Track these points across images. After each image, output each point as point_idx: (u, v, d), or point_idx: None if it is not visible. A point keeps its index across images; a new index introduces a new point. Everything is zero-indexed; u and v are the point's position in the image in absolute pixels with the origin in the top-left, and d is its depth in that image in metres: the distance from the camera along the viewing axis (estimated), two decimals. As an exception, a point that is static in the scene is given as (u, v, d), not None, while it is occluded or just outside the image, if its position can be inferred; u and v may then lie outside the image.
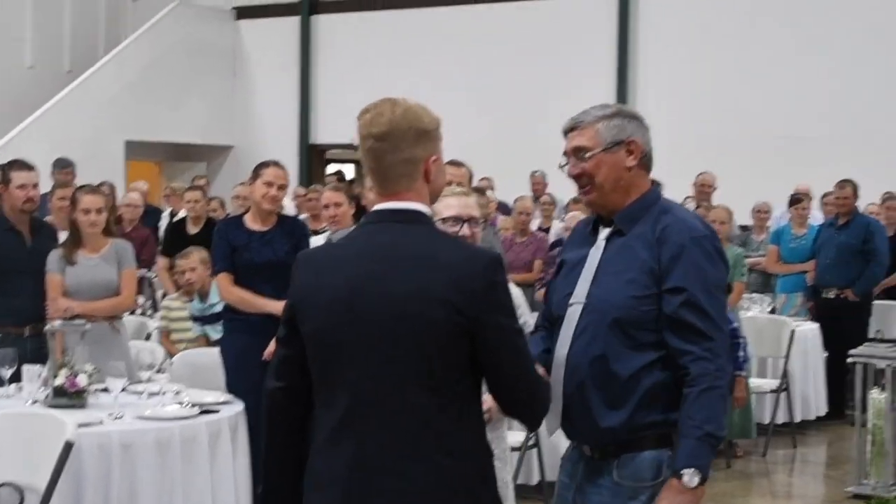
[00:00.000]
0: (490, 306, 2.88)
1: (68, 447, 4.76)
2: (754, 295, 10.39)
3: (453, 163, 6.28)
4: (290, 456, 3.06)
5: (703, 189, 11.81)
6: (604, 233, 3.56)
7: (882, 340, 8.26)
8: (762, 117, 15.79)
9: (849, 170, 11.22)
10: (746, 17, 16.00)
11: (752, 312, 9.99)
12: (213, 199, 10.83)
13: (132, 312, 8.68)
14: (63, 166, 11.24)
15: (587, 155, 3.51)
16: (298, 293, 3.04)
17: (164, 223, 11.84)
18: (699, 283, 3.39)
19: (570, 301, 3.52)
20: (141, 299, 8.82)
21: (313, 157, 19.95)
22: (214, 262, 6.51)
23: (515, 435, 6.50)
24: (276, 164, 6.49)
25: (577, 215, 9.13)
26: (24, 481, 4.86)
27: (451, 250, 2.96)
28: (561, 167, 3.59)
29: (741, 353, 8.36)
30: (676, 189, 12.82)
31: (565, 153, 3.58)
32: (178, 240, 9.20)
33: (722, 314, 3.43)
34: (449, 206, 4.20)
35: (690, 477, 3.31)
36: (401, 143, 2.96)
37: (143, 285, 9.69)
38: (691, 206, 11.76)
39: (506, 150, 17.03)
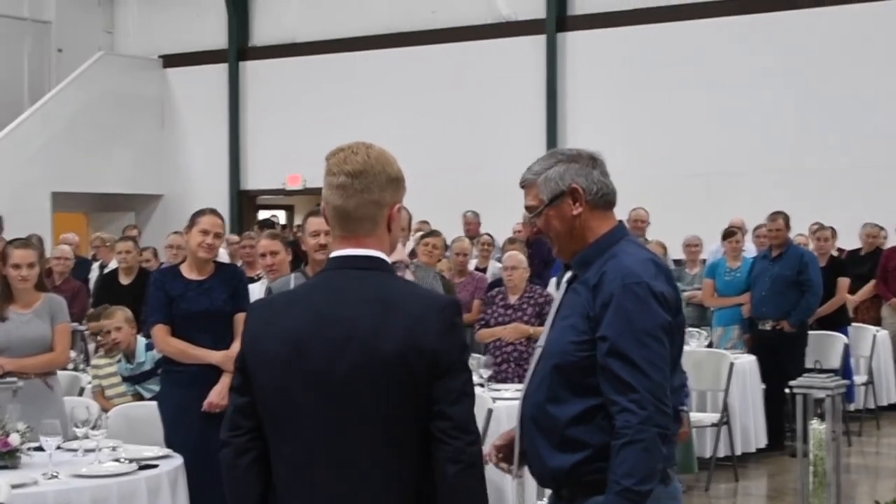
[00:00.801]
0: (445, 346, 2.85)
1: (2, 510, 4.63)
2: (691, 329, 10.40)
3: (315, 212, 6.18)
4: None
5: (637, 224, 11.89)
6: (567, 275, 3.59)
7: (820, 371, 8.28)
8: (687, 156, 16.14)
9: (776, 202, 11.37)
10: (665, 64, 16.34)
11: (690, 346, 10.01)
12: (145, 249, 10.69)
13: (65, 368, 8.53)
14: (-11, 220, 11.04)
15: (535, 214, 3.54)
16: (248, 341, 3.00)
17: (94, 275, 11.69)
18: (626, 331, 3.31)
19: (538, 343, 3.57)
20: (73, 353, 8.64)
21: (244, 204, 19.86)
22: (150, 313, 6.40)
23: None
24: (212, 211, 6.41)
25: (516, 255, 9.11)
26: (-43, 547, 4.71)
27: (408, 295, 2.93)
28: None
29: (684, 389, 8.36)
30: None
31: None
32: (110, 292, 9.08)
33: (655, 361, 3.32)
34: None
35: None
36: (372, 185, 2.95)
37: (75, 339, 9.52)
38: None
39: (438, 191, 17.08)
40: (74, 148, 18.37)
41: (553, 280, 9.84)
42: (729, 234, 11.19)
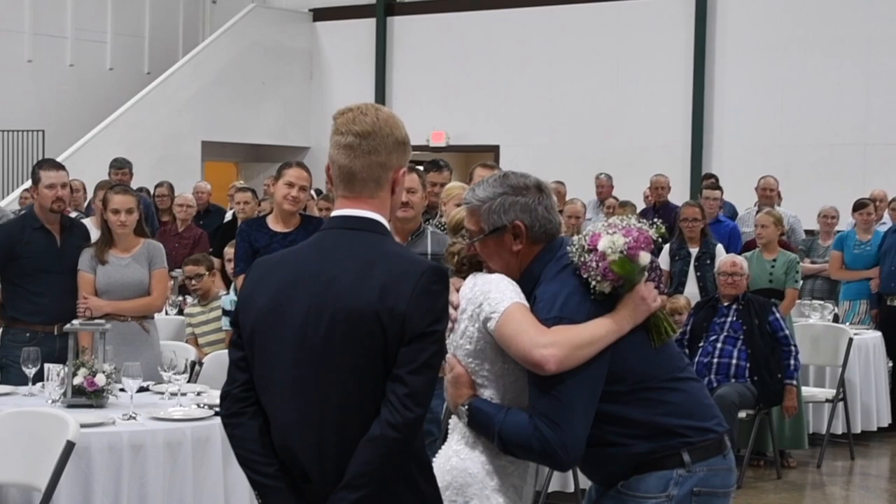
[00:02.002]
0: (418, 311, 2.84)
1: (69, 447, 4.77)
2: (815, 302, 10.13)
3: (435, 165, 6.22)
4: (262, 449, 2.99)
5: (765, 193, 11.59)
6: None
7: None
8: (833, 123, 15.53)
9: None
10: (819, 24, 15.73)
11: (811, 320, 9.76)
12: (264, 199, 10.84)
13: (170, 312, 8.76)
14: (119, 166, 11.34)
15: (474, 239, 3.54)
16: (241, 297, 3.10)
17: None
18: None
19: None
20: (190, 299, 8.85)
21: (390, 159, 19.95)
22: (235, 263, 6.49)
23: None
24: (298, 164, 6.46)
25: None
26: (28, 481, 4.88)
27: (392, 256, 2.93)
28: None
29: (791, 362, 8.17)
30: (745, 192, 12.70)
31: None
32: (226, 240, 9.22)
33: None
34: None
35: None
36: (380, 147, 2.96)
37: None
38: (754, 209, 11.55)
39: (574, 151, 16.93)
40: (225, 98, 18.72)
41: (666, 248, 9.64)
42: (860, 205, 10.82)
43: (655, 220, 3.53)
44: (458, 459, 3.50)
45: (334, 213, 3.04)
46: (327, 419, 2.88)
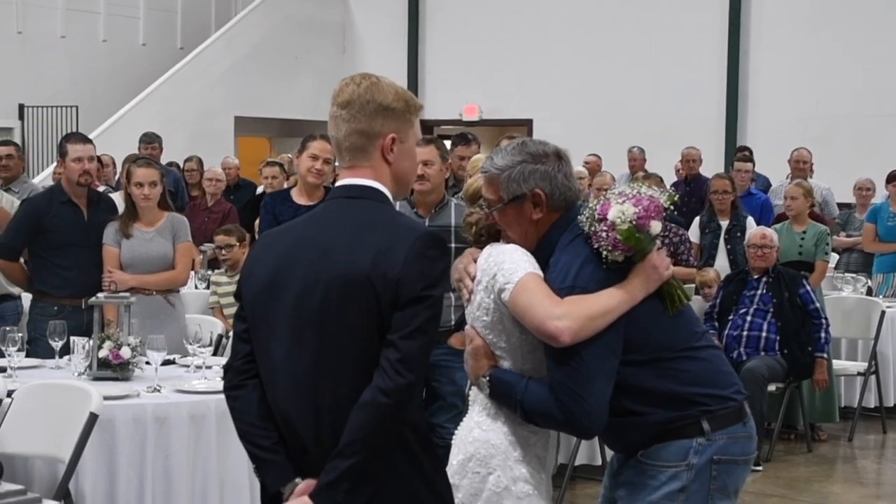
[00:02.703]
0: (412, 276, 2.83)
1: (93, 419, 4.79)
2: (848, 275, 10.05)
3: (463, 139, 6.21)
4: (264, 423, 2.99)
5: (798, 165, 11.50)
6: None
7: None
8: (869, 94, 15.36)
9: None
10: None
11: (844, 293, 9.68)
12: (293, 174, 10.84)
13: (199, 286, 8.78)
14: (149, 141, 11.38)
15: (493, 208, 3.51)
16: (245, 269, 3.12)
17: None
18: None
19: None
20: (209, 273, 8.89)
21: (422, 133, 19.91)
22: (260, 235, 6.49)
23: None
24: (322, 136, 6.43)
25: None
26: (53, 453, 4.91)
27: (388, 221, 2.93)
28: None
29: (822, 335, 8.11)
30: (779, 164, 12.60)
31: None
32: (255, 214, 9.24)
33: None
34: None
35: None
36: (358, 114, 2.96)
37: (219, 259, 9.75)
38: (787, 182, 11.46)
39: (608, 124, 16.83)
40: (257, 73, 18.72)
41: (697, 220, 9.58)
42: (893, 177, 10.71)
43: (669, 188, 3.51)
44: (480, 431, 3.49)
45: (337, 183, 3.07)
46: (324, 387, 2.88)
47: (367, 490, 2.85)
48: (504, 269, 3.40)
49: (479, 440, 3.48)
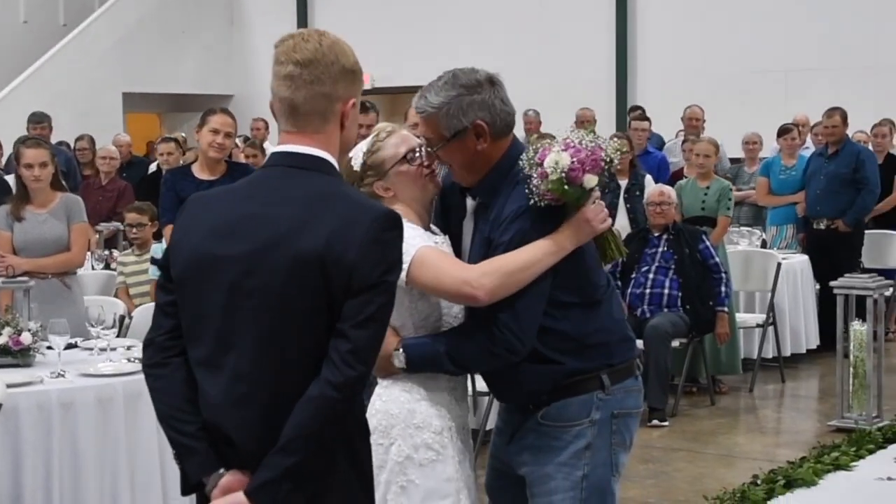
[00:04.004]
0: (367, 260, 2.62)
1: (-4, 408, 4.67)
2: (743, 228, 10.23)
3: (362, 107, 6.11)
4: (184, 400, 2.76)
5: (692, 123, 11.66)
6: (471, 203, 3.51)
7: (864, 270, 8.09)
8: (753, 50, 15.66)
9: (842, 100, 11.02)
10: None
11: (741, 246, 9.84)
12: (190, 149, 10.70)
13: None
14: (37, 121, 11.12)
15: (435, 147, 3.42)
16: (174, 236, 2.86)
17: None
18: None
19: None
20: (116, 253, 8.73)
21: (313, 103, 19.80)
22: (162, 213, 6.39)
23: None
24: (223, 110, 6.36)
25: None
26: (-44, 444, 4.79)
27: (341, 199, 2.69)
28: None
29: (722, 289, 8.24)
30: (669, 122, 12.76)
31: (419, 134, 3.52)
32: (151, 192, 9.09)
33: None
34: (396, 144, 3.52)
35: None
36: (323, 75, 2.72)
37: (117, 239, 9.60)
38: (680, 139, 11.60)
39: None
40: (144, 48, 18.41)
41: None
42: (784, 130, 10.91)
43: (618, 134, 3.44)
44: (380, 402, 3.46)
45: (277, 149, 2.79)
46: (262, 375, 2.65)
47: (309, 489, 2.65)
48: None
49: (380, 411, 3.43)
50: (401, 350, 3.37)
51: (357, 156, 3.52)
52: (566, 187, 3.21)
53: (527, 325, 3.29)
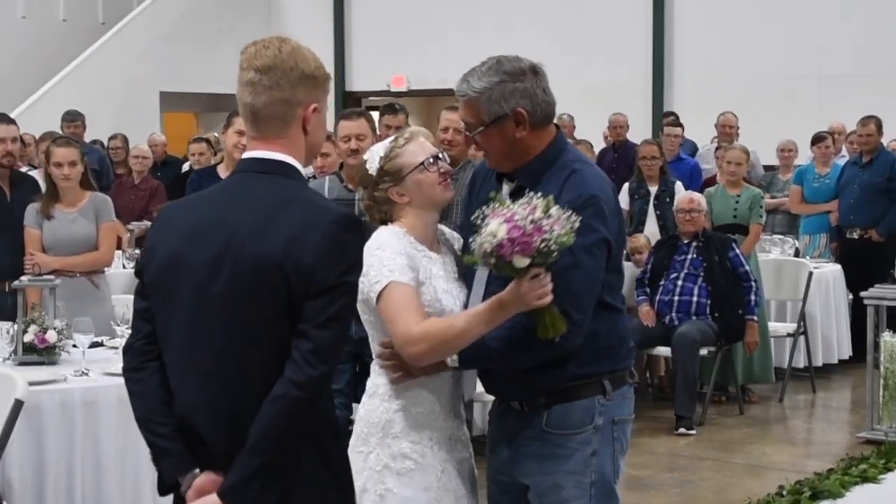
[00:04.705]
0: (324, 263, 2.67)
1: (18, 405, 4.67)
2: (776, 237, 10.16)
3: (351, 114, 6.11)
4: (154, 411, 2.83)
5: (725, 129, 11.59)
6: (507, 187, 3.47)
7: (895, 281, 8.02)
8: (790, 57, 15.51)
9: (878, 107, 10.92)
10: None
11: (773, 255, 9.77)
12: (220, 151, 10.73)
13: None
14: (71, 119, 11.18)
15: (474, 132, 3.41)
16: (147, 243, 2.94)
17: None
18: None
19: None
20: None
21: (350, 105, 19.78)
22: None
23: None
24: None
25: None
26: (-22, 441, 4.81)
27: (300, 203, 2.74)
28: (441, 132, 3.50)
29: (752, 298, 8.19)
30: (705, 128, 12.68)
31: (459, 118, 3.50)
32: (183, 192, 9.12)
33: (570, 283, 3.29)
34: (413, 153, 3.48)
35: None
36: (282, 81, 2.80)
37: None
38: (713, 146, 11.53)
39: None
40: (182, 47, 18.46)
41: (626, 186, 9.60)
42: (818, 138, 10.82)
43: (574, 216, 3.25)
44: (363, 410, 3.47)
45: (245, 155, 2.88)
46: (228, 378, 2.72)
47: (278, 488, 2.71)
48: (372, 271, 3.30)
49: (362, 419, 3.45)
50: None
51: (373, 159, 3.51)
52: (493, 260, 3.14)
53: (586, 311, 3.27)
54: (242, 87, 2.83)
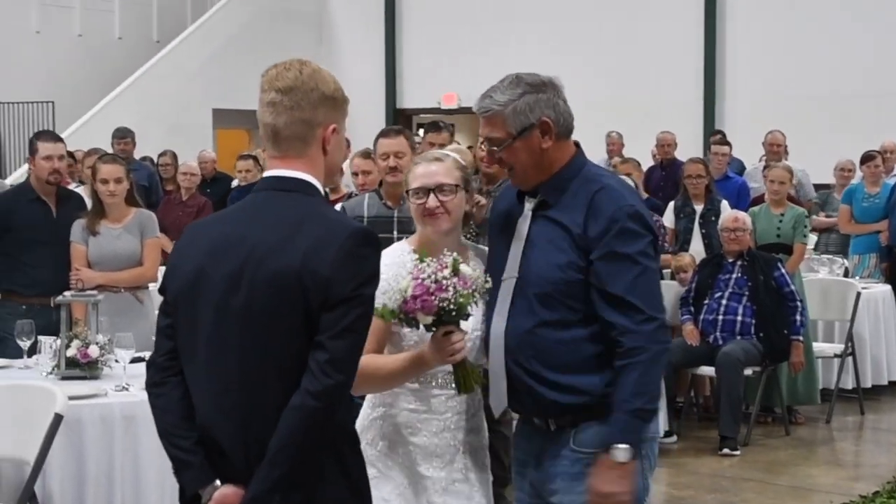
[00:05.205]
0: (340, 276, 2.73)
1: (58, 420, 4.75)
2: (824, 256, 10.06)
3: (390, 131, 6.12)
4: (176, 425, 2.91)
5: (773, 148, 11.49)
6: (530, 203, 3.48)
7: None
8: (843, 76, 15.40)
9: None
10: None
11: (821, 274, 9.68)
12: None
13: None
14: (121, 136, 11.30)
15: (500, 147, 3.42)
16: (171, 261, 3.01)
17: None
18: (626, 255, 3.32)
19: (503, 276, 3.46)
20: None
21: (400, 122, 19.87)
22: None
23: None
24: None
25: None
26: (19, 455, 4.87)
27: (318, 218, 2.82)
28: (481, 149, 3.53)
29: (797, 318, 8.11)
30: (758, 147, 12.59)
31: (482, 136, 3.51)
32: (228, 208, 9.21)
33: (653, 280, 3.40)
34: (414, 176, 3.63)
35: (622, 452, 3.28)
36: (302, 101, 2.85)
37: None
38: (761, 164, 11.44)
39: (588, 110, 16.71)
40: (235, 65, 18.63)
41: (671, 205, 9.55)
42: (867, 157, 10.72)
43: (485, 277, 3.32)
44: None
45: (267, 174, 2.94)
46: (248, 391, 2.78)
47: (296, 499, 2.76)
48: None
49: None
50: (620, 447, 3.28)
51: None
52: (402, 316, 3.22)
53: (663, 308, 3.38)
54: (264, 107, 2.89)
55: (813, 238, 11.02)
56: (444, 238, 3.53)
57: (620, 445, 3.27)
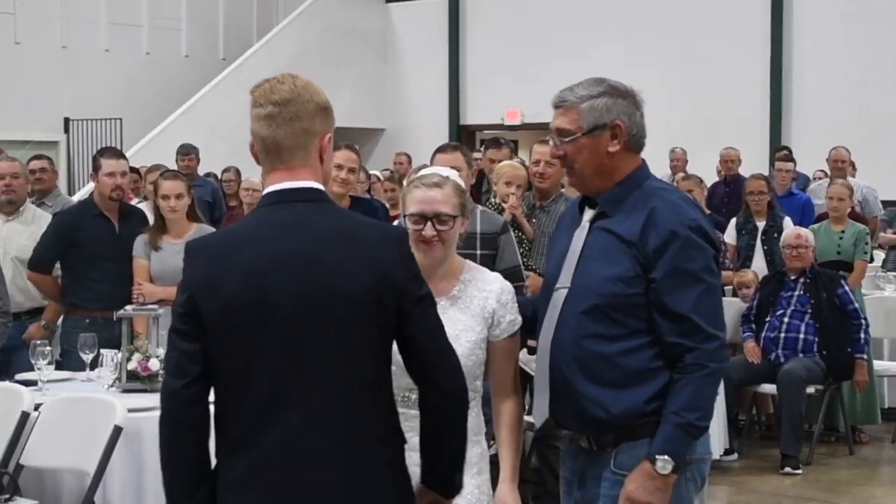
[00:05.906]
0: (409, 277, 2.82)
1: (117, 432, 4.83)
2: (889, 274, 9.93)
3: (447, 147, 6.15)
4: (198, 460, 2.84)
5: (837, 164, 11.37)
6: (588, 214, 3.45)
7: None
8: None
9: None
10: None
11: (886, 292, 9.56)
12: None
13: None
14: (185, 153, 11.43)
15: (567, 139, 3.39)
16: (196, 283, 2.80)
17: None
18: (689, 270, 3.29)
19: (556, 286, 3.42)
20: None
21: (464, 139, 19.92)
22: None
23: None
24: (347, 146, 6.47)
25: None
26: (80, 466, 4.95)
27: (362, 226, 2.86)
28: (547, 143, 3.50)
29: (861, 336, 8.02)
30: (821, 164, 12.47)
31: (552, 129, 3.46)
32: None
33: (715, 296, 3.35)
34: (413, 200, 3.56)
35: (663, 464, 3.25)
36: (301, 112, 2.85)
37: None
38: (826, 181, 11.33)
39: (653, 127, 16.62)
40: (300, 82, 18.79)
41: (733, 221, 9.47)
42: (936, 174, 10.58)
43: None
44: None
45: (275, 187, 2.84)
46: (339, 411, 2.74)
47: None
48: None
49: None
50: (663, 457, 3.25)
51: None
52: None
53: (724, 325, 3.37)
54: (260, 121, 2.86)
55: (880, 255, 10.89)
56: (435, 262, 3.52)
57: (663, 457, 3.23)
